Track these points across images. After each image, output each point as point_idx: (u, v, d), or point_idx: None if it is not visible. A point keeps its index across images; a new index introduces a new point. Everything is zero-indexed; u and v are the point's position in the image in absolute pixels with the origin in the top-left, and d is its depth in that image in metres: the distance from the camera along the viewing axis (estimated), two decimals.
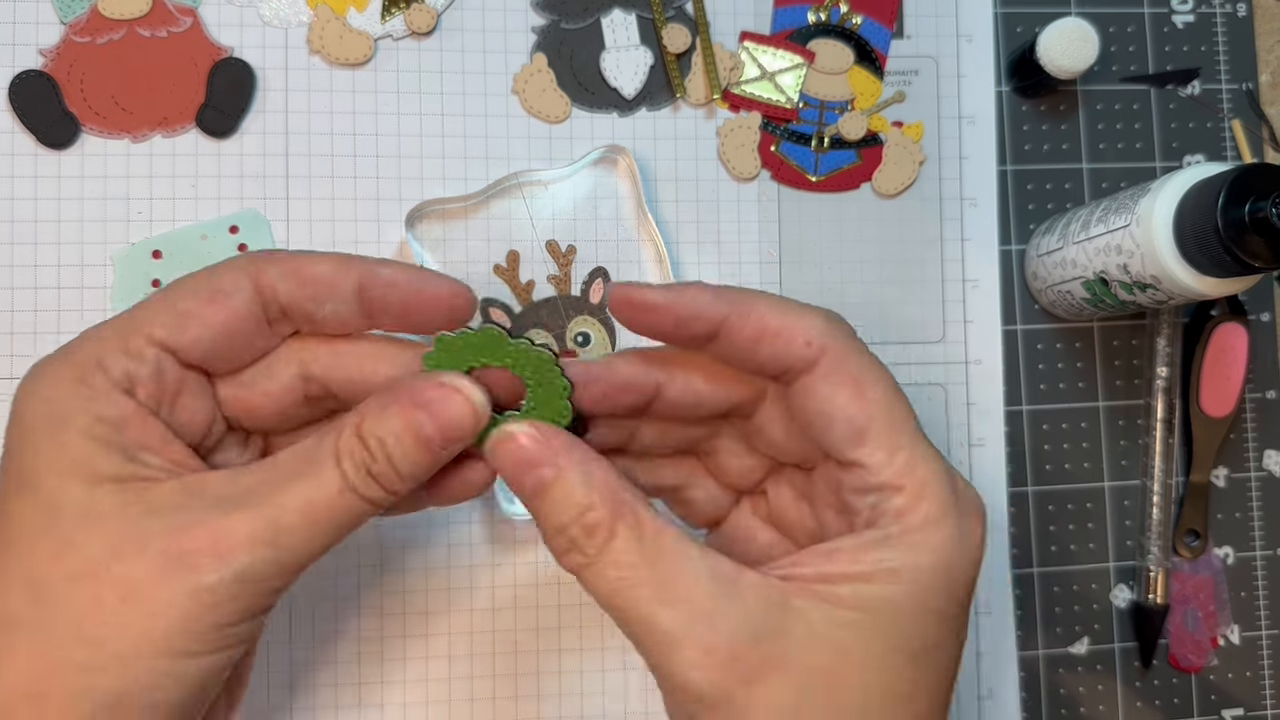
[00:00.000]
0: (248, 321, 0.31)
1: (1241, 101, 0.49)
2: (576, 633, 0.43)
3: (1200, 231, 0.36)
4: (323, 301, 0.31)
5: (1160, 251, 0.38)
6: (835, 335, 0.30)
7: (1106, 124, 0.48)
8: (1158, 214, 0.38)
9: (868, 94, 0.46)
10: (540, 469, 0.29)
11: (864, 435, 0.29)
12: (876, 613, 0.28)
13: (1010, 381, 0.47)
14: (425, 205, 0.43)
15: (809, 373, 0.30)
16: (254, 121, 0.43)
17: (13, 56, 0.42)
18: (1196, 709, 0.47)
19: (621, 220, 0.45)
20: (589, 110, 0.45)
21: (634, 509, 0.28)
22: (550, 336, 0.44)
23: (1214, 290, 0.38)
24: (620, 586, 0.27)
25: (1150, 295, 0.40)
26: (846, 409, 0.29)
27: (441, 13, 0.45)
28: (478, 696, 0.43)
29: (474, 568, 0.43)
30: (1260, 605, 0.47)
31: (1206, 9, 0.49)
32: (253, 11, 0.44)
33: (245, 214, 0.43)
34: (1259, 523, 0.48)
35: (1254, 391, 0.48)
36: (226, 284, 0.30)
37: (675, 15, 0.46)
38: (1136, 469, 0.48)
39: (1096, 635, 0.47)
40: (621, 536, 0.28)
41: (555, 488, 0.28)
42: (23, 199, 0.42)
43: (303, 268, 0.31)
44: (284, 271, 0.31)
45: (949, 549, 0.28)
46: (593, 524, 0.28)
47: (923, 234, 0.47)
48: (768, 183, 0.46)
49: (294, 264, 0.31)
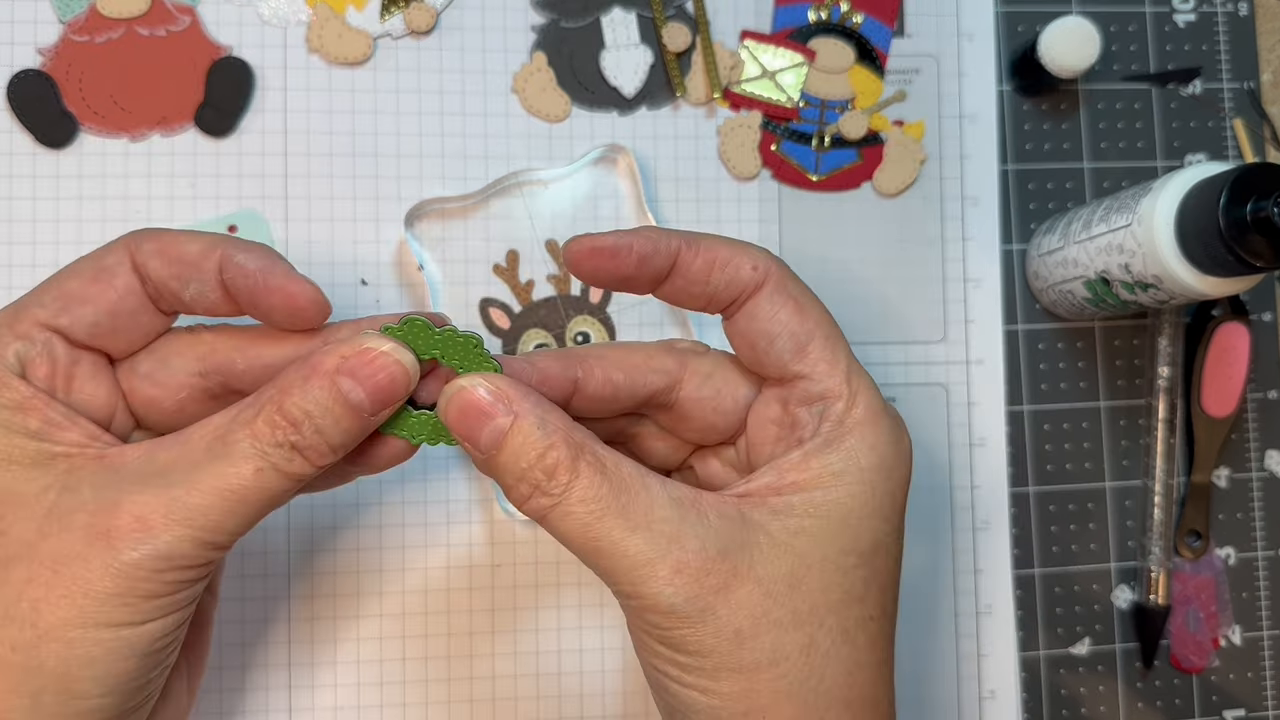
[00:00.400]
0: (130, 299, 0.31)
1: (1243, 100, 0.49)
2: (576, 634, 0.43)
3: (1202, 231, 0.36)
4: (188, 281, 0.31)
5: (1162, 251, 0.38)
6: (777, 263, 0.32)
7: (1108, 123, 0.48)
8: (1159, 213, 0.38)
9: (868, 93, 0.46)
10: (496, 419, 0.29)
11: (806, 349, 0.32)
12: (827, 517, 0.30)
13: (1011, 381, 0.47)
14: (424, 205, 0.43)
15: (754, 296, 0.32)
16: (253, 121, 0.43)
17: (11, 55, 0.42)
18: (1198, 710, 0.47)
19: (621, 220, 0.45)
20: (589, 109, 0.45)
21: (590, 446, 0.29)
22: (550, 336, 0.44)
23: (1216, 290, 0.38)
24: (590, 520, 0.28)
25: (1152, 295, 0.40)
26: (789, 324, 0.32)
27: (441, 11, 0.44)
28: (478, 698, 0.43)
29: (473, 568, 0.43)
30: (1262, 606, 0.47)
31: (1208, 8, 0.49)
32: (251, 10, 0.43)
33: (243, 213, 0.43)
34: (1260, 523, 0.48)
35: (1255, 391, 0.48)
36: (110, 262, 0.31)
37: (675, 14, 0.46)
38: (1138, 469, 0.47)
39: (1098, 636, 0.47)
40: (584, 474, 0.29)
41: (514, 435, 0.29)
42: (21, 198, 0.42)
43: (170, 246, 0.31)
44: (154, 249, 0.31)
45: (886, 448, 0.31)
46: (553, 464, 0.29)
47: (923, 233, 0.46)
48: (768, 182, 0.46)
49: (163, 242, 0.31)
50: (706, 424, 0.34)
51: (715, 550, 0.28)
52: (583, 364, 0.33)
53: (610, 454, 0.30)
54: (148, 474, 0.29)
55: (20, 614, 0.27)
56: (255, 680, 0.42)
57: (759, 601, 0.29)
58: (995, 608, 0.46)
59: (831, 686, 0.29)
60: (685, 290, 0.32)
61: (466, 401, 0.29)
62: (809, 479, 0.30)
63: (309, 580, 0.42)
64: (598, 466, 0.29)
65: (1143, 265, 0.39)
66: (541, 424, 0.29)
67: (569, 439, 0.29)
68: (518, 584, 0.43)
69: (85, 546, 0.28)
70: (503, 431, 0.29)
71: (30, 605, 0.27)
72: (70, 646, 0.27)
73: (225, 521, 0.29)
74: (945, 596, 0.46)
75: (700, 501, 0.29)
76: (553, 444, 0.29)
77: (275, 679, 0.42)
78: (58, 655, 0.27)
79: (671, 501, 0.29)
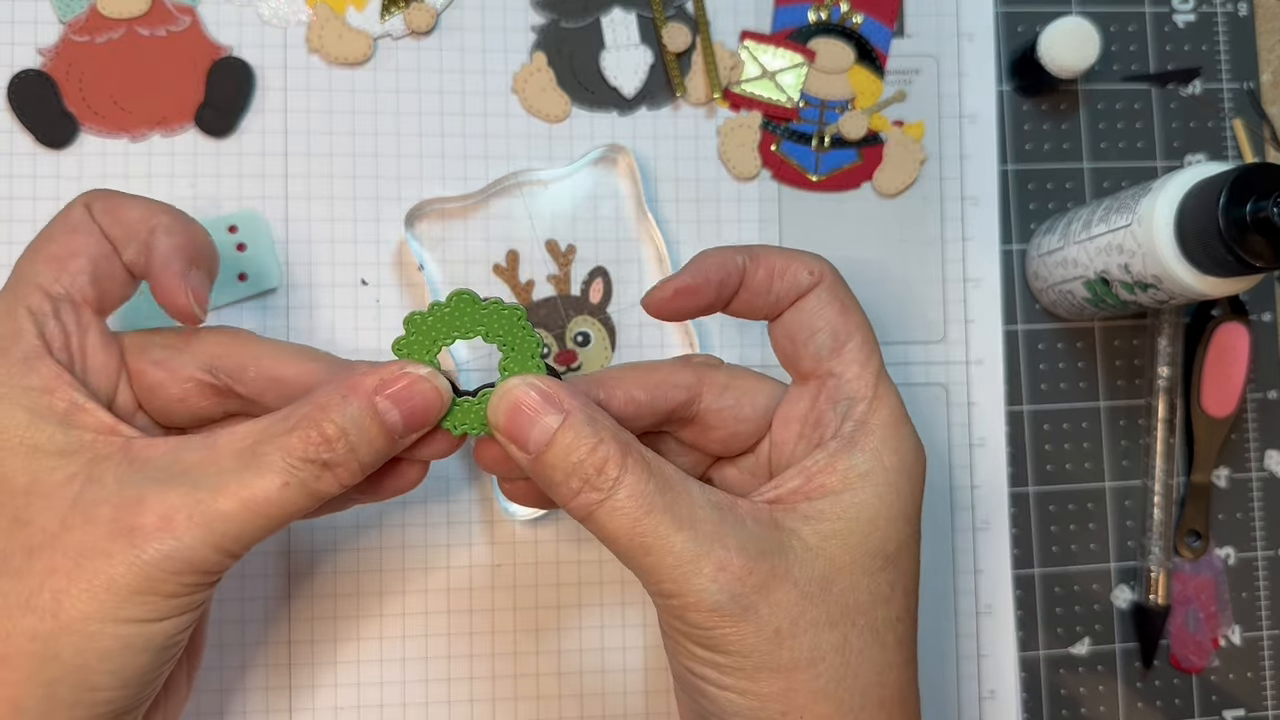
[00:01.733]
0: (105, 247, 0.32)
1: (1243, 101, 0.49)
2: (576, 635, 0.43)
3: (1201, 230, 0.36)
4: (128, 243, 0.32)
5: (1161, 251, 0.38)
6: (830, 269, 0.34)
7: (1108, 123, 0.48)
8: (1159, 214, 0.38)
9: (868, 93, 0.46)
10: (545, 417, 0.29)
11: (843, 348, 0.33)
12: (855, 519, 0.30)
13: (1011, 381, 0.47)
14: (424, 205, 0.43)
15: (806, 296, 0.33)
16: (253, 121, 0.43)
17: (11, 56, 0.42)
18: (1198, 710, 0.47)
19: (621, 220, 0.45)
20: (589, 109, 0.45)
21: (635, 445, 0.30)
22: (552, 337, 0.44)
23: (1215, 290, 0.38)
24: (639, 515, 0.29)
25: (1151, 295, 0.40)
26: (833, 321, 0.33)
27: (441, 12, 0.44)
28: (478, 698, 0.43)
29: (473, 568, 0.43)
30: (1261, 606, 0.47)
31: (1207, 8, 0.49)
32: (252, 10, 0.43)
33: (244, 214, 0.43)
34: (1260, 523, 0.48)
35: (1255, 392, 0.48)
36: (76, 217, 0.32)
37: (675, 14, 0.46)
38: (1138, 469, 0.47)
39: (1097, 636, 0.47)
40: (632, 469, 0.29)
41: (565, 431, 0.29)
42: (21, 198, 0.42)
43: (116, 207, 0.32)
44: (103, 208, 0.32)
45: (907, 451, 0.32)
46: (603, 459, 0.29)
47: (923, 233, 0.46)
48: (768, 182, 0.46)
49: (111, 201, 0.32)
50: (729, 433, 0.35)
51: (755, 551, 0.29)
52: (603, 386, 0.33)
53: (653, 455, 0.30)
54: (173, 473, 0.29)
55: (41, 604, 0.28)
56: (255, 680, 0.42)
57: (796, 602, 0.29)
58: (995, 608, 0.46)
59: (865, 685, 0.30)
60: (750, 302, 0.34)
61: (516, 402, 0.30)
62: (836, 481, 0.31)
63: (309, 580, 0.42)
64: (644, 464, 0.29)
65: (1142, 265, 0.39)
66: (591, 421, 0.30)
67: (617, 436, 0.30)
68: (518, 584, 0.43)
69: (109, 541, 0.28)
70: (551, 430, 0.29)
71: (52, 596, 0.28)
72: (89, 640, 0.28)
73: (245, 532, 0.29)
74: (945, 596, 0.46)
75: (736, 506, 0.30)
76: (602, 439, 0.29)
77: (276, 679, 0.42)
78: (75, 647, 0.28)
79: (710, 504, 0.30)
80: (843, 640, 0.30)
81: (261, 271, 0.42)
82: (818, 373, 0.33)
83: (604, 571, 0.44)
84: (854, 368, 0.32)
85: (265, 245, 0.43)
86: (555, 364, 0.44)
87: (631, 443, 0.30)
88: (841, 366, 0.33)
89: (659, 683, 0.44)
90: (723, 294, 0.33)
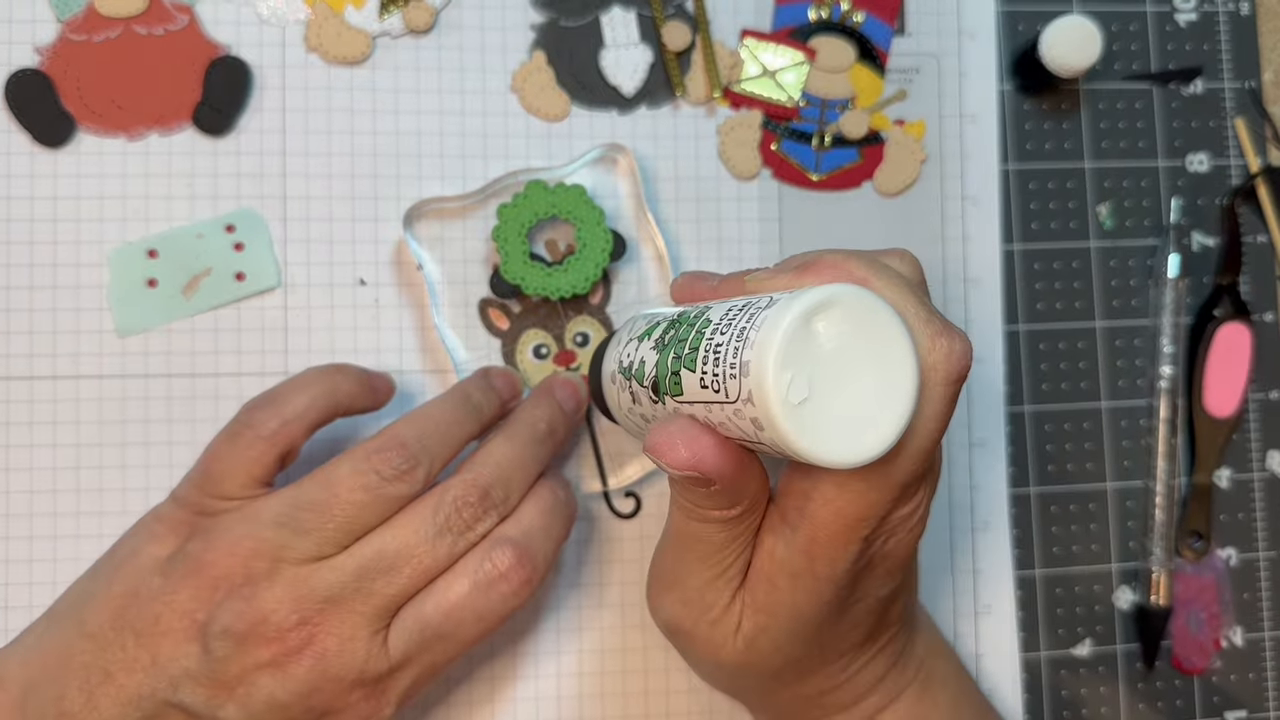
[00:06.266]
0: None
1: (1244, 100, 0.49)
2: (576, 635, 0.43)
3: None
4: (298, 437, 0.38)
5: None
6: (878, 271, 0.30)
7: (1109, 122, 0.48)
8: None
9: (869, 92, 0.46)
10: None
11: None
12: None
13: (1012, 381, 0.47)
14: (423, 204, 0.43)
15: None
16: (251, 120, 0.43)
17: (8, 55, 0.42)
18: (1199, 711, 0.47)
19: (621, 219, 0.45)
20: (588, 108, 0.45)
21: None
22: (552, 338, 0.44)
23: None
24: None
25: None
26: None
27: (440, 10, 0.44)
28: (477, 698, 0.42)
29: None
30: (1264, 607, 0.47)
31: (1209, 7, 0.49)
32: (250, 9, 0.43)
33: (242, 213, 0.43)
34: (1262, 524, 0.48)
35: (1257, 392, 0.48)
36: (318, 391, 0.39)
37: (675, 13, 0.46)
38: (1139, 470, 0.47)
39: (1099, 637, 0.46)
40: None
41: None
42: (18, 198, 0.42)
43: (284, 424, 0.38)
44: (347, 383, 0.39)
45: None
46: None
47: (924, 233, 0.46)
48: (768, 181, 0.46)
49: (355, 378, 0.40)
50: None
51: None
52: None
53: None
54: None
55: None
56: None
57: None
58: (995, 608, 0.46)
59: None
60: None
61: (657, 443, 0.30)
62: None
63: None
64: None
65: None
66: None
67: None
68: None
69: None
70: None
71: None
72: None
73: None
74: (945, 597, 0.46)
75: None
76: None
77: None
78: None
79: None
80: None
81: (259, 271, 0.42)
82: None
83: (604, 572, 0.44)
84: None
85: (263, 244, 0.43)
86: (555, 364, 0.44)
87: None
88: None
89: (659, 683, 0.43)
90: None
